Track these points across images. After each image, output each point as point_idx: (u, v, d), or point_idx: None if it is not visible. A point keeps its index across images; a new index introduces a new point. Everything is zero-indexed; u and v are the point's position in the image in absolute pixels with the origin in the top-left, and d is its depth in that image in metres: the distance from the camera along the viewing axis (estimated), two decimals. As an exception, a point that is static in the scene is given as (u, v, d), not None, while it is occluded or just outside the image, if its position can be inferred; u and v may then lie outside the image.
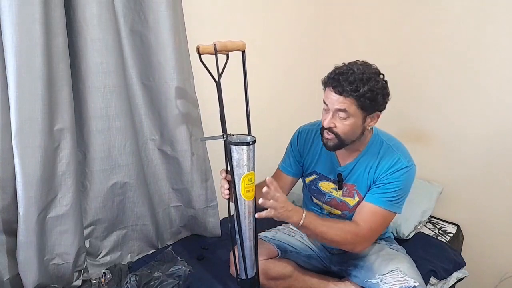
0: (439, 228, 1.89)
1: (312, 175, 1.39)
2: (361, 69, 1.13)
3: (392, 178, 1.22)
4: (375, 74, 1.15)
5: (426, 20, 1.85)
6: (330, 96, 1.15)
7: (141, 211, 1.54)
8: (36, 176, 1.19)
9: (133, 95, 1.47)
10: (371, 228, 1.22)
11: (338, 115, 1.16)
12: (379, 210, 1.22)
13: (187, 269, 1.37)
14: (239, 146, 1.06)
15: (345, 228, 1.20)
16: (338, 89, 1.12)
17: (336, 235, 1.17)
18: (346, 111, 1.14)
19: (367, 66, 1.17)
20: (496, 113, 1.73)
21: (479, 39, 1.71)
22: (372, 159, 1.27)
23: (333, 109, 1.16)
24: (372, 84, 1.12)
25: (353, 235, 1.19)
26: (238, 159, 1.07)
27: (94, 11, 1.23)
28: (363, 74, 1.12)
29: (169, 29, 1.38)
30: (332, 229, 1.17)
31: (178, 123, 1.51)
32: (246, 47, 1.15)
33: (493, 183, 1.79)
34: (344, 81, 1.11)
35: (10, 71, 1.10)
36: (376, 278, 1.24)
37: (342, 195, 1.33)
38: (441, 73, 1.85)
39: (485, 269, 1.88)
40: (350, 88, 1.11)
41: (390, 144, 1.28)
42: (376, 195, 1.23)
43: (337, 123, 1.17)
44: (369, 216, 1.22)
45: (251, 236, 1.16)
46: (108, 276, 1.37)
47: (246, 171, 1.08)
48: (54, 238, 1.31)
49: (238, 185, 1.09)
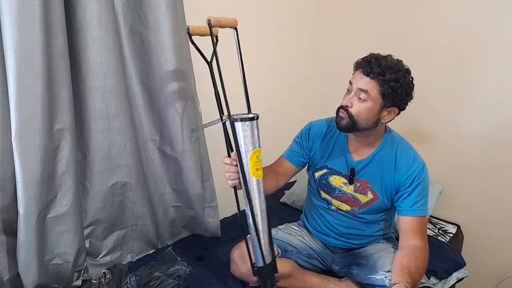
0: (439, 228, 1.89)
1: (323, 169, 1.39)
2: (394, 61, 1.20)
3: (415, 183, 1.26)
4: (405, 70, 1.20)
5: (426, 20, 1.86)
6: (357, 76, 1.20)
7: (141, 211, 1.54)
8: (36, 176, 1.19)
9: (133, 95, 1.47)
10: (425, 239, 1.26)
11: (359, 96, 1.19)
12: (422, 220, 1.26)
13: (187, 269, 1.37)
14: (244, 122, 1.03)
15: (419, 258, 1.19)
16: (366, 70, 1.17)
17: (423, 271, 1.19)
18: (367, 92, 1.18)
19: (400, 62, 1.22)
20: (496, 114, 1.73)
21: (479, 39, 1.71)
22: (388, 157, 1.29)
23: (356, 88, 1.20)
24: (400, 76, 1.17)
25: (425, 258, 1.21)
26: (244, 136, 1.03)
27: (94, 11, 1.23)
28: (395, 65, 1.18)
29: (169, 29, 1.38)
30: (418, 269, 1.16)
31: (178, 123, 1.51)
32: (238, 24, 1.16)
33: (493, 183, 1.79)
34: (374, 64, 1.16)
35: (10, 71, 1.09)
36: (380, 274, 1.24)
37: (354, 191, 1.34)
38: (441, 73, 1.85)
39: (485, 269, 1.88)
40: (378, 71, 1.16)
41: (403, 143, 1.31)
42: (413, 208, 1.26)
43: (355, 104, 1.21)
44: (419, 229, 1.25)
45: (264, 217, 1.11)
46: (108, 276, 1.37)
47: (253, 148, 1.05)
48: (54, 238, 1.31)
49: (247, 164, 1.05)
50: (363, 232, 1.40)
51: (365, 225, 1.39)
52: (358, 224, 1.39)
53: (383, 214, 1.39)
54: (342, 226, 1.41)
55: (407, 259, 1.18)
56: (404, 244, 1.25)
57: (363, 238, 1.42)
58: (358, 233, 1.41)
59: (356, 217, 1.38)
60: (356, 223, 1.39)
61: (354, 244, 1.43)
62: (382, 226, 1.42)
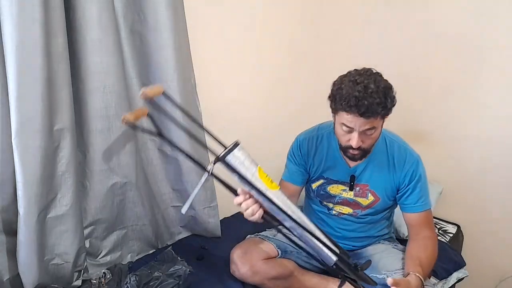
0: (439, 228, 1.89)
1: (319, 180, 1.38)
2: (376, 82, 1.08)
3: (414, 179, 1.27)
4: (382, 78, 1.13)
5: (426, 20, 1.85)
6: (357, 121, 1.09)
7: (141, 211, 1.54)
8: (36, 176, 1.19)
9: (133, 95, 1.47)
10: (433, 229, 1.32)
11: (365, 133, 1.13)
12: (427, 213, 1.30)
13: (187, 269, 1.37)
14: (232, 151, 0.99)
15: (429, 247, 1.26)
16: (367, 114, 1.07)
17: (433, 259, 1.25)
18: (374, 127, 1.13)
19: (374, 74, 1.13)
20: (496, 114, 1.73)
21: (480, 39, 1.71)
22: (383, 156, 1.29)
23: (360, 130, 1.12)
24: (391, 93, 1.11)
25: (435, 246, 1.27)
26: (241, 163, 1.00)
27: (94, 11, 1.23)
28: (381, 87, 1.08)
29: (169, 29, 1.38)
30: (428, 258, 1.23)
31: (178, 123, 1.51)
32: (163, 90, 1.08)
33: (493, 183, 1.79)
34: (370, 104, 1.05)
35: (10, 71, 1.10)
36: (383, 274, 1.24)
37: (354, 196, 1.34)
38: (441, 73, 1.85)
39: (485, 269, 1.88)
40: (381, 110, 1.07)
41: (392, 138, 1.31)
42: (418, 204, 1.28)
43: (365, 140, 1.15)
44: (426, 221, 1.30)
45: (305, 220, 1.07)
46: (108, 276, 1.37)
47: (255, 166, 1.02)
48: (54, 238, 1.31)
49: (262, 183, 1.01)
50: (366, 233, 1.41)
51: (368, 226, 1.39)
52: (360, 226, 1.39)
53: (385, 213, 1.39)
54: (344, 230, 1.41)
55: (417, 249, 1.25)
56: (414, 236, 1.30)
57: (365, 239, 1.42)
58: (361, 235, 1.41)
59: (359, 218, 1.38)
60: (358, 225, 1.39)
61: (356, 246, 1.43)
62: (384, 225, 1.42)
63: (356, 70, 1.14)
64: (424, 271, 1.17)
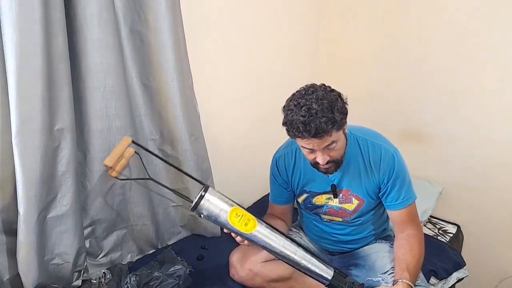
0: (439, 228, 1.89)
1: (303, 194, 1.37)
2: (318, 101, 1.05)
3: (392, 176, 1.24)
4: (326, 92, 1.09)
5: (425, 19, 1.86)
6: (313, 142, 1.09)
7: (141, 211, 1.54)
8: (36, 176, 1.19)
9: (133, 95, 1.47)
10: (417, 224, 1.29)
11: (328, 148, 1.12)
12: (410, 209, 1.27)
13: (187, 269, 1.37)
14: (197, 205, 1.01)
15: (414, 246, 1.23)
16: (319, 135, 1.05)
17: (420, 258, 1.23)
18: (334, 141, 1.11)
19: (316, 91, 1.09)
20: (496, 113, 1.73)
21: (480, 39, 1.71)
22: (358, 159, 1.26)
23: (320, 148, 1.11)
24: (338, 104, 1.07)
25: (420, 243, 1.25)
26: (210, 213, 1.02)
27: (94, 11, 1.22)
28: (325, 105, 1.05)
29: (169, 29, 1.38)
30: (415, 258, 1.21)
31: (178, 123, 1.51)
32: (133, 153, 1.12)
33: (493, 183, 1.79)
34: (318, 125, 1.03)
35: (10, 71, 1.09)
36: (378, 277, 1.25)
37: (339, 203, 1.33)
38: (441, 73, 1.85)
39: (485, 269, 1.88)
40: (331, 126, 1.05)
41: (364, 137, 1.27)
42: (398, 202, 1.26)
43: (331, 153, 1.15)
44: (409, 217, 1.27)
45: (295, 248, 1.10)
46: (108, 276, 1.37)
47: (225, 214, 1.03)
48: (54, 238, 1.31)
49: (235, 229, 1.04)
50: (359, 235, 1.40)
51: (361, 227, 1.39)
52: (354, 228, 1.39)
53: (374, 211, 1.38)
54: (338, 234, 1.41)
55: (403, 251, 1.23)
56: (399, 234, 1.30)
57: (359, 241, 1.42)
58: (356, 237, 1.40)
59: (350, 223, 1.38)
60: (351, 228, 1.39)
61: (353, 248, 1.43)
62: (377, 223, 1.42)
63: (299, 91, 1.12)
64: (411, 274, 1.16)
